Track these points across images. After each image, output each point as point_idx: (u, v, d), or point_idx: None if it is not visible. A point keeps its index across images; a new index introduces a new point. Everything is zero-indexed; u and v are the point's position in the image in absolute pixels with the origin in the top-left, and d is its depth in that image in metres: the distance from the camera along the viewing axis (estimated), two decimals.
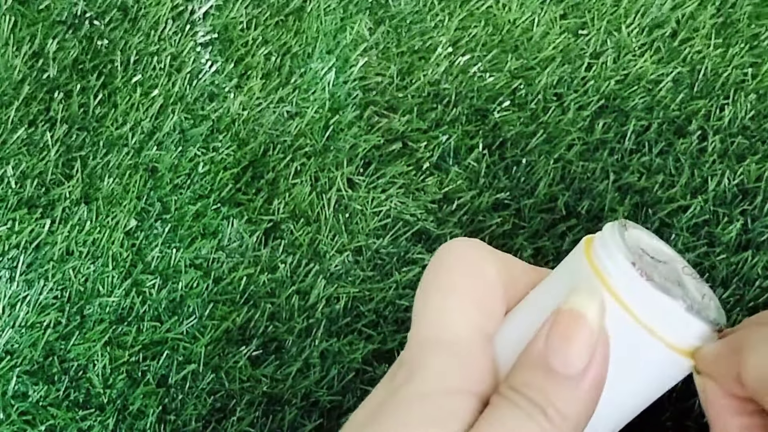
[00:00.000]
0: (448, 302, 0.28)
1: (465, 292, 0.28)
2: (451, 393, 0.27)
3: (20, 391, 0.37)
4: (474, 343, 0.27)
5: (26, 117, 0.41)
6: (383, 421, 0.27)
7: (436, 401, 0.26)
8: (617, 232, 0.26)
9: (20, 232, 0.39)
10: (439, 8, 0.43)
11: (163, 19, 0.43)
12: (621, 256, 0.26)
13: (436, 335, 0.27)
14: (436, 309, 0.28)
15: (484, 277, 0.28)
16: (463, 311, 0.28)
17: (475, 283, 0.28)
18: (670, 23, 0.43)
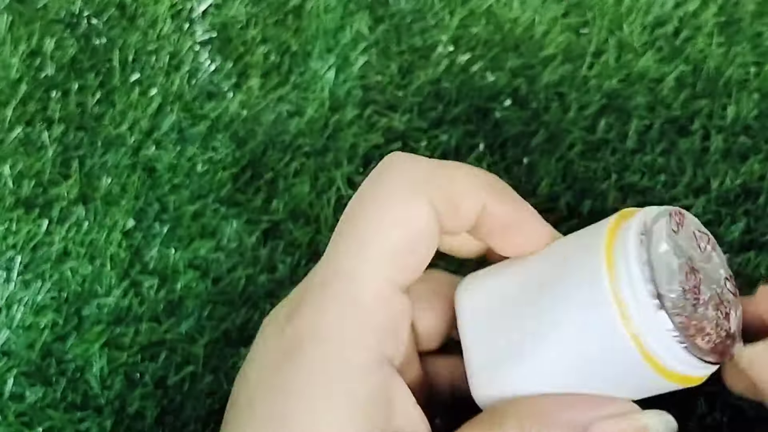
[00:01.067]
0: (363, 250, 0.25)
1: (385, 239, 0.25)
2: (358, 367, 0.25)
3: (17, 393, 0.36)
4: (380, 301, 0.25)
5: (23, 116, 0.41)
6: (289, 398, 0.24)
7: (345, 374, 0.24)
8: (643, 250, 0.24)
9: (17, 233, 0.39)
10: (440, 7, 0.43)
11: (162, 17, 0.43)
12: (641, 287, 0.24)
13: (342, 287, 0.25)
14: (349, 252, 0.26)
15: (412, 223, 0.26)
16: (377, 266, 0.25)
17: (401, 231, 0.25)
18: (672, 21, 0.42)
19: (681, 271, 0.25)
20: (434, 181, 0.26)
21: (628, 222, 0.25)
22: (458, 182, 0.27)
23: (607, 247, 0.25)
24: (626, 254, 0.24)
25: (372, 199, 0.26)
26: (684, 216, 0.26)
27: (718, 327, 0.25)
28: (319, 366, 0.25)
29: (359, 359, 0.25)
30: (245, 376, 0.27)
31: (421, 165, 0.26)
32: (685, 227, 0.26)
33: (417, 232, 0.26)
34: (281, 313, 0.27)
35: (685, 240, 0.26)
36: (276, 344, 0.26)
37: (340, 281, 0.26)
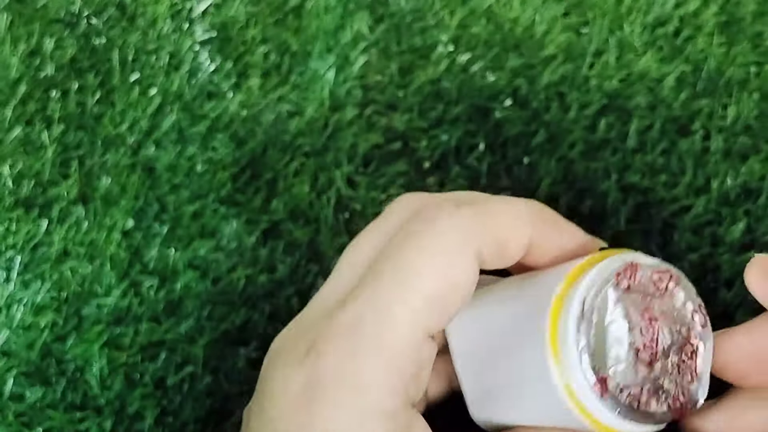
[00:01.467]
0: (402, 295, 0.25)
1: (427, 288, 0.25)
2: (386, 413, 0.25)
3: (17, 393, 0.36)
4: (411, 348, 0.25)
5: (23, 116, 0.41)
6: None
7: (371, 420, 0.24)
8: (582, 336, 0.25)
9: (17, 233, 0.39)
10: (440, 6, 0.43)
11: (161, 17, 0.43)
12: (581, 378, 0.25)
13: (374, 330, 0.25)
14: (388, 294, 0.25)
15: (455, 275, 0.26)
16: (414, 313, 0.25)
17: (443, 281, 0.25)
18: (672, 21, 0.42)
19: (633, 332, 0.26)
20: (483, 228, 0.26)
21: (570, 297, 0.25)
22: (504, 226, 0.27)
23: (551, 332, 0.25)
24: (566, 343, 0.25)
25: (419, 242, 0.26)
26: (637, 267, 0.26)
27: (681, 374, 0.26)
28: (346, 411, 0.25)
29: (386, 405, 0.25)
30: (264, 411, 0.26)
31: (468, 214, 0.26)
32: (638, 277, 0.26)
33: (458, 282, 0.26)
34: (300, 345, 0.26)
35: (640, 290, 0.26)
36: (298, 381, 0.25)
37: (373, 324, 0.25)
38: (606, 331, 0.25)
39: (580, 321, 0.25)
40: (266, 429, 0.26)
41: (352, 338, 0.25)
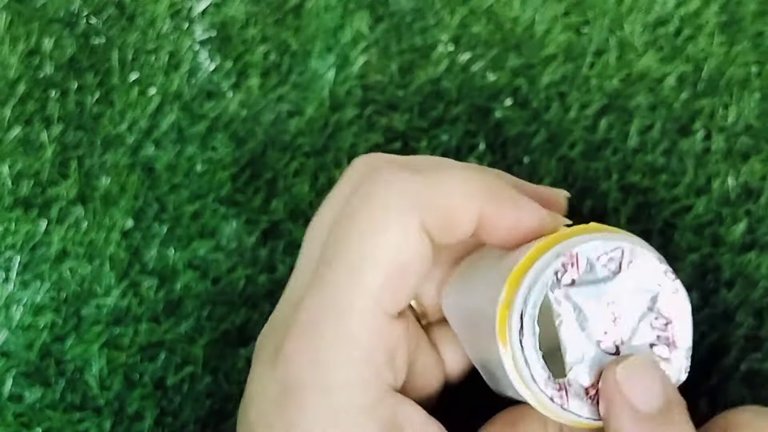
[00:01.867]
0: (354, 283, 0.24)
1: (377, 270, 0.24)
2: (363, 408, 0.24)
3: (16, 393, 0.36)
4: (375, 335, 0.24)
5: (22, 116, 0.41)
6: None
7: (348, 415, 0.24)
8: (531, 352, 0.24)
9: (16, 233, 0.39)
10: (440, 6, 0.43)
11: (161, 17, 0.43)
12: (536, 386, 0.25)
13: (334, 324, 0.24)
14: (339, 285, 0.24)
15: (404, 251, 0.24)
16: (370, 299, 0.24)
17: (393, 260, 0.24)
18: (673, 21, 0.42)
19: (588, 324, 0.25)
20: (426, 199, 0.25)
21: (511, 308, 0.25)
22: (452, 196, 0.25)
23: (502, 343, 0.25)
24: (517, 360, 0.24)
25: (360, 226, 0.25)
26: (576, 257, 0.25)
27: (659, 349, 0.25)
28: (320, 413, 0.24)
29: (359, 401, 0.24)
30: (246, 415, 0.26)
31: (410, 182, 0.25)
32: (582, 267, 0.25)
33: (409, 259, 0.25)
34: (269, 346, 0.26)
35: (588, 279, 0.25)
36: (270, 383, 0.25)
37: (332, 317, 0.24)
38: (558, 333, 0.24)
39: (521, 335, 0.24)
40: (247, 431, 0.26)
41: (313, 337, 0.24)
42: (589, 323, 0.25)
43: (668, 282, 0.26)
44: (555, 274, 0.24)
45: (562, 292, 0.25)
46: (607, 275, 0.25)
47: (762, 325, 0.37)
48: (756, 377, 0.36)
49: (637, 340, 0.25)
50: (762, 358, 0.36)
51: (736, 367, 0.36)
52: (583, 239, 0.25)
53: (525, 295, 0.24)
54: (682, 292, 0.26)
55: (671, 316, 0.25)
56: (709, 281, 0.37)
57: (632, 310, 0.25)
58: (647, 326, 0.25)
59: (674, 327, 0.25)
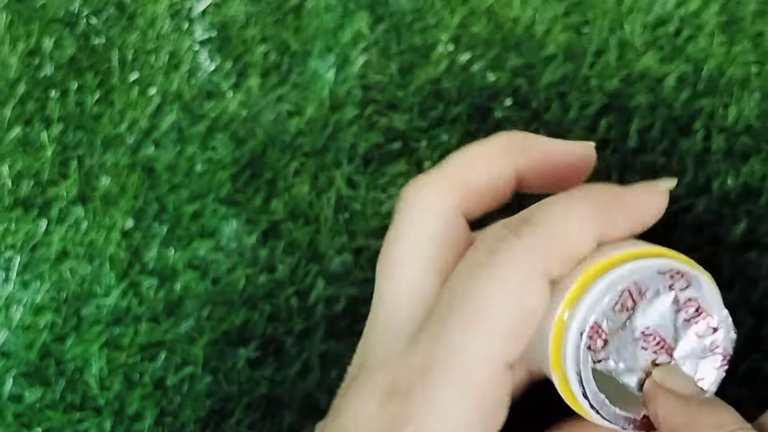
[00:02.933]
0: (478, 329, 0.25)
1: (502, 319, 0.25)
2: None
3: (16, 393, 0.36)
4: (491, 383, 0.25)
5: (22, 116, 0.41)
6: None
7: None
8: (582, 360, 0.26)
9: (16, 233, 0.39)
10: (440, 6, 0.43)
11: (161, 16, 0.43)
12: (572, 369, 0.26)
13: (451, 369, 0.25)
14: (462, 329, 0.25)
15: (528, 302, 0.26)
16: (491, 346, 0.25)
17: (517, 311, 0.25)
18: (673, 21, 0.42)
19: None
20: (549, 254, 0.26)
21: (565, 338, 0.26)
22: (570, 242, 0.26)
23: (554, 365, 0.26)
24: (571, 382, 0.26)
25: (486, 275, 0.25)
26: (641, 288, 0.26)
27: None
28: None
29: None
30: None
31: (533, 241, 0.26)
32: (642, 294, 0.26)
33: (533, 311, 0.26)
34: (377, 382, 0.26)
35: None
36: (377, 419, 0.25)
37: (453, 360, 0.25)
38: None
39: (577, 373, 0.26)
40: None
41: (430, 380, 0.25)
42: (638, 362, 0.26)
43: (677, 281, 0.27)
44: (615, 303, 0.26)
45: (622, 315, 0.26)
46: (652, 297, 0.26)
47: (762, 324, 0.37)
48: (756, 377, 0.36)
49: (685, 344, 0.26)
50: (762, 358, 0.36)
51: (737, 367, 0.36)
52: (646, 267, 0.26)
53: (582, 322, 0.26)
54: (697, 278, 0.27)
55: (695, 298, 0.26)
56: None
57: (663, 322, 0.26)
58: (685, 326, 0.26)
59: (705, 307, 0.27)
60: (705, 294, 0.27)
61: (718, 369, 0.27)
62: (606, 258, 0.26)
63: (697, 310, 0.27)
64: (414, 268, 0.28)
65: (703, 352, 0.27)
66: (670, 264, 0.26)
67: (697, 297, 0.27)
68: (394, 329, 0.27)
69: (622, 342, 0.26)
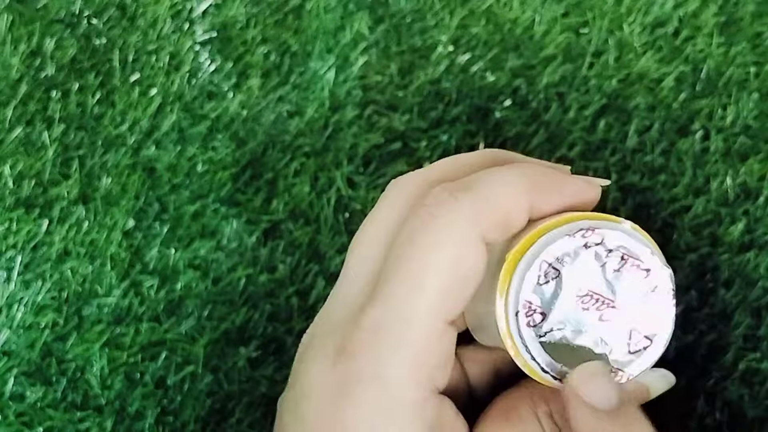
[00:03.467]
0: (416, 293, 0.26)
1: (439, 281, 0.26)
2: (413, 403, 0.26)
3: (18, 393, 0.36)
4: (432, 340, 0.27)
5: (24, 116, 0.41)
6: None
7: (401, 411, 0.26)
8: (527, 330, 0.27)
9: (17, 233, 0.39)
10: (440, 7, 0.43)
11: (162, 17, 0.43)
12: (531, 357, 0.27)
13: (396, 330, 0.26)
14: (402, 295, 0.27)
15: (465, 262, 0.27)
16: (431, 308, 0.27)
17: (454, 272, 0.27)
18: (672, 22, 0.42)
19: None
20: (484, 216, 0.27)
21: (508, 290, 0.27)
22: (504, 206, 0.27)
23: (511, 350, 0.27)
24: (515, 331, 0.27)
25: (424, 241, 0.27)
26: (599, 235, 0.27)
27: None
28: (377, 405, 0.26)
29: (414, 396, 0.26)
30: (298, 406, 0.28)
31: (468, 202, 0.27)
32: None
33: (469, 271, 0.27)
34: (328, 345, 0.27)
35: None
36: (328, 379, 0.27)
37: (395, 322, 0.26)
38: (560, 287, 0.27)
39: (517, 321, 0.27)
40: (299, 422, 0.27)
41: (376, 340, 0.26)
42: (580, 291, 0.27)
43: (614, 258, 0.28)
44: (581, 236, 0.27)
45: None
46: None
47: (760, 324, 0.37)
48: (754, 376, 0.36)
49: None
50: (760, 358, 0.36)
51: (735, 367, 0.36)
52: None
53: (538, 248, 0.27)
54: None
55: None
56: (707, 281, 0.38)
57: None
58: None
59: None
60: (626, 241, 0.27)
61: (668, 306, 0.27)
62: (524, 239, 0.28)
63: (622, 258, 0.27)
64: (379, 246, 0.29)
65: (645, 296, 0.27)
66: (578, 225, 0.27)
67: (618, 246, 0.27)
68: (350, 298, 0.29)
69: (562, 310, 0.27)
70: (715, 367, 0.36)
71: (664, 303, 0.27)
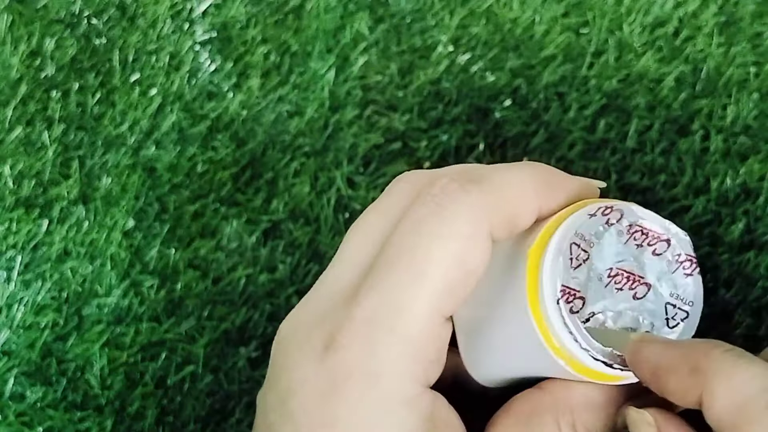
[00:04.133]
0: (417, 285, 0.26)
1: (442, 275, 0.25)
2: (408, 399, 0.25)
3: (17, 393, 0.36)
4: (430, 336, 0.26)
5: (24, 116, 0.41)
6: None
7: (395, 406, 0.25)
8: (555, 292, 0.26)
9: (18, 233, 0.39)
10: (440, 7, 0.43)
11: (162, 17, 0.43)
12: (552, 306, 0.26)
13: (392, 323, 0.25)
14: (402, 286, 0.25)
15: (470, 258, 0.26)
16: (430, 301, 0.25)
17: (458, 267, 0.26)
18: (672, 22, 0.42)
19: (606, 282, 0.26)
20: (493, 210, 0.26)
21: (540, 269, 0.26)
22: (513, 201, 0.27)
23: (554, 351, 0.26)
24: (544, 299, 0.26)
25: (430, 231, 0.26)
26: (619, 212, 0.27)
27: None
28: (370, 402, 0.25)
29: (407, 391, 0.25)
30: (285, 405, 0.26)
31: (476, 192, 0.26)
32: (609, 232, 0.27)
33: (474, 267, 0.26)
34: (315, 337, 0.26)
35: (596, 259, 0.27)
36: (317, 374, 0.26)
37: (391, 314, 0.25)
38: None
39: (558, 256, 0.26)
40: (287, 420, 0.26)
41: (370, 331, 0.25)
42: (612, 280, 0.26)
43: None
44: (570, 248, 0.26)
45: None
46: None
47: (760, 324, 0.37)
48: None
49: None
50: None
51: None
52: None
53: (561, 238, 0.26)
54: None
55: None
56: (707, 281, 0.38)
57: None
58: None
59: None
60: (641, 216, 0.27)
61: (693, 274, 0.27)
62: (542, 231, 0.27)
63: (642, 232, 0.27)
64: (382, 235, 0.28)
65: (671, 267, 0.27)
66: (596, 205, 0.27)
67: (636, 221, 0.27)
68: (340, 286, 0.27)
69: (597, 293, 0.26)
70: None
71: (691, 270, 0.27)
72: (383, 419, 0.25)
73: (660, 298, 0.27)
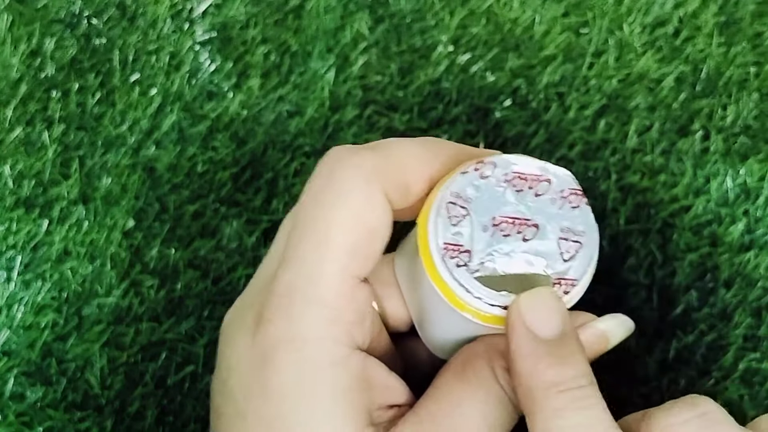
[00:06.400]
0: (323, 251, 0.27)
1: (344, 238, 0.27)
2: (336, 360, 0.26)
3: (18, 393, 0.36)
4: (344, 297, 0.27)
5: (24, 116, 0.41)
6: (279, 404, 0.26)
7: (323, 370, 0.26)
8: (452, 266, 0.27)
9: (17, 233, 0.39)
10: (440, 7, 0.43)
11: (162, 17, 0.43)
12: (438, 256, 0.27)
13: (307, 290, 0.26)
14: (309, 255, 0.27)
15: (369, 218, 0.27)
16: (337, 265, 0.26)
17: (358, 227, 0.27)
18: (672, 22, 0.42)
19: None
20: (383, 169, 0.27)
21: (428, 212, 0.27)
22: (406, 163, 0.28)
23: (454, 303, 0.27)
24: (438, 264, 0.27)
25: (326, 199, 0.27)
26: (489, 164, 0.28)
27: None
28: (298, 367, 0.26)
29: (334, 353, 0.26)
30: (226, 385, 0.27)
31: (367, 157, 0.27)
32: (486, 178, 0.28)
33: (374, 225, 0.27)
34: (247, 317, 0.27)
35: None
36: (250, 351, 0.27)
37: (304, 283, 0.27)
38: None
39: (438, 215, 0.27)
40: (228, 399, 0.27)
41: (289, 302, 0.26)
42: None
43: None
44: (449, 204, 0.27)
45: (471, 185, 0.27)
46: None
47: (760, 324, 0.37)
48: (754, 376, 0.36)
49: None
50: (760, 358, 0.36)
51: (735, 367, 0.36)
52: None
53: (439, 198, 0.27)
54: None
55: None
56: (707, 281, 0.38)
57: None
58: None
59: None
60: (514, 162, 0.28)
61: (580, 206, 0.28)
62: (427, 200, 0.28)
63: (521, 177, 0.28)
64: (290, 220, 0.29)
65: (555, 204, 0.28)
66: (468, 162, 0.28)
67: (512, 169, 0.28)
68: (267, 270, 0.29)
69: (484, 243, 0.27)
70: (715, 367, 0.36)
71: (577, 202, 0.28)
72: (314, 382, 0.26)
73: (551, 235, 0.27)
